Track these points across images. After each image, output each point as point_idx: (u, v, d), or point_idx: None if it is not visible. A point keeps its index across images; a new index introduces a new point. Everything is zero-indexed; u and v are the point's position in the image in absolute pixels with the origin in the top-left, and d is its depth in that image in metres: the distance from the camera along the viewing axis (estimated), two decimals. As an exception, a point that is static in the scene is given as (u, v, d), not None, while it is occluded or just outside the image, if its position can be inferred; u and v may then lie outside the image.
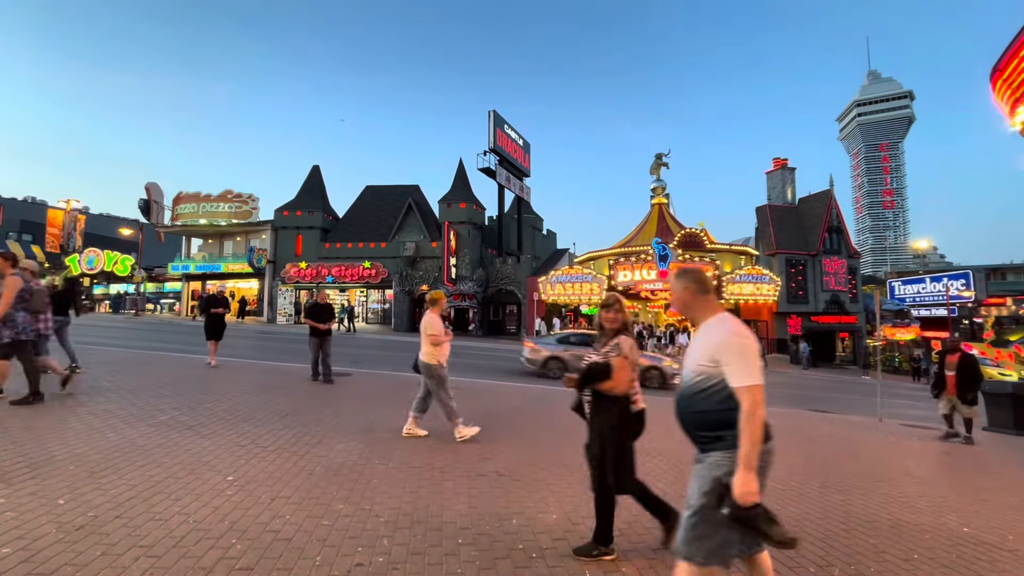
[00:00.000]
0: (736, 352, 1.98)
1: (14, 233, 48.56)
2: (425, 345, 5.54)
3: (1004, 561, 3.37)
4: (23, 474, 3.54)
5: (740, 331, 2.03)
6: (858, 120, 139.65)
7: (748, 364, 1.96)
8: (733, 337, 2.01)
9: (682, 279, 2.21)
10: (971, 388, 7.94)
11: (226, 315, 10.11)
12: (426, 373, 5.53)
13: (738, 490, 1.86)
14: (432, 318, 5.58)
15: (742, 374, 1.94)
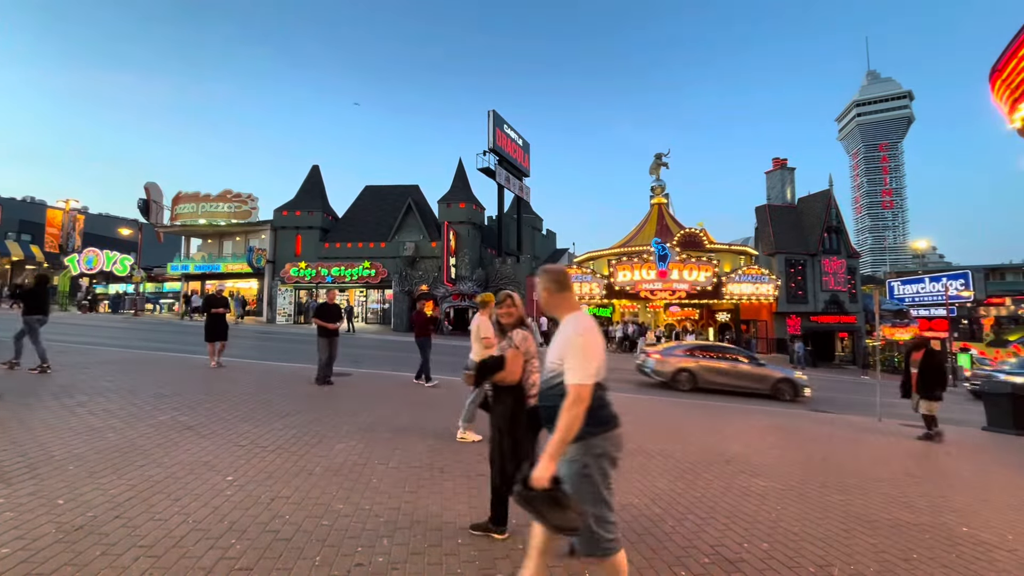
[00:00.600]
0: (573, 350, 2.05)
1: (13, 233, 48.47)
2: (477, 347, 5.71)
3: (1003, 561, 3.37)
4: (22, 474, 3.53)
5: (583, 329, 2.09)
6: (857, 120, 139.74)
7: (582, 362, 2.02)
8: (574, 336, 2.07)
9: (542, 278, 2.29)
10: (937, 384, 7.84)
11: (227, 315, 10.02)
12: None
13: (535, 473, 1.95)
14: (483, 321, 5.74)
15: (574, 372, 2.02)
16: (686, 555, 3.06)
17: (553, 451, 1.97)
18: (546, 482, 1.94)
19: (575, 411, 1.98)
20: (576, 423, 1.98)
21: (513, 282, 31.29)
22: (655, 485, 4.40)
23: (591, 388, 2.02)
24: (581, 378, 2.01)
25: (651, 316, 29.43)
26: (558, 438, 1.97)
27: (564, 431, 1.97)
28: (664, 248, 26.38)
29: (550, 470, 1.96)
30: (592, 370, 2.03)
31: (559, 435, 1.97)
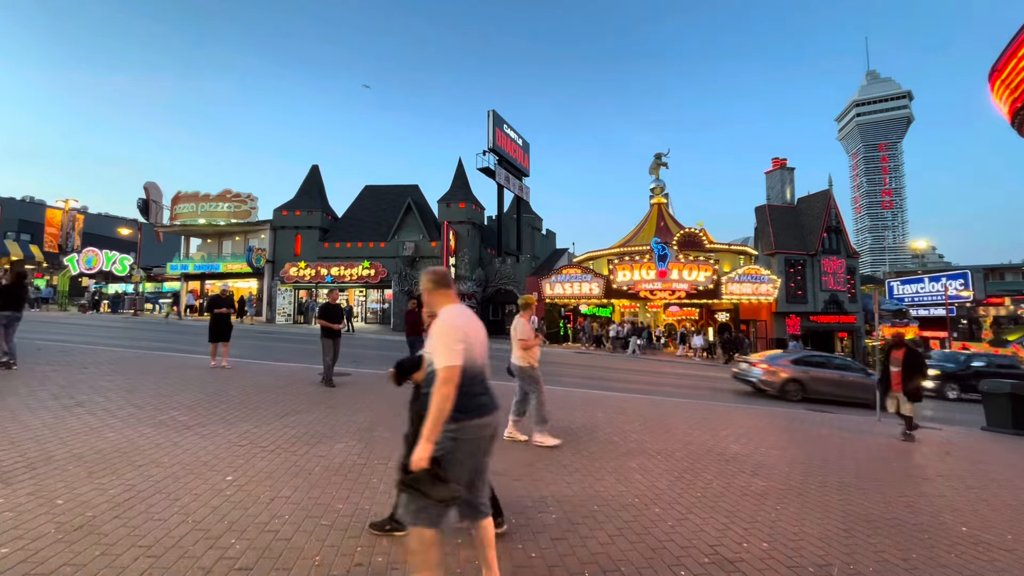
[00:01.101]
0: (436, 336, 2.22)
1: (12, 233, 48.44)
2: (517, 349, 5.73)
3: (1002, 561, 3.37)
4: (22, 474, 3.53)
5: (447, 317, 2.29)
6: (857, 120, 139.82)
7: (444, 346, 2.18)
8: (438, 324, 2.27)
9: (424, 277, 2.53)
10: (910, 383, 7.69)
11: (231, 315, 9.89)
12: (521, 376, 5.71)
13: (414, 456, 2.10)
14: (521, 323, 5.78)
15: (439, 356, 2.17)
16: (685, 555, 3.07)
17: (428, 433, 2.11)
18: (425, 463, 2.09)
19: (443, 391, 2.12)
20: (446, 403, 2.12)
21: (513, 282, 31.31)
22: (655, 485, 4.40)
23: (458, 369, 2.16)
24: (445, 360, 2.15)
25: (651, 316, 29.44)
26: (431, 419, 2.11)
27: (435, 411, 2.11)
28: (664, 248, 26.37)
29: (427, 451, 2.10)
30: (454, 353, 2.17)
31: (431, 416, 2.11)
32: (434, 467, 2.11)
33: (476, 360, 2.31)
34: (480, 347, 2.38)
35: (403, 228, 33.55)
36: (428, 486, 2.11)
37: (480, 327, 2.46)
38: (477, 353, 2.33)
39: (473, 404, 2.26)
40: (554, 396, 9.34)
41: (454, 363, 2.16)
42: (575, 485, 4.23)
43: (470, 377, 2.24)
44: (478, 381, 2.31)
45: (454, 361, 2.16)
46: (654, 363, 20.38)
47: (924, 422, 10.30)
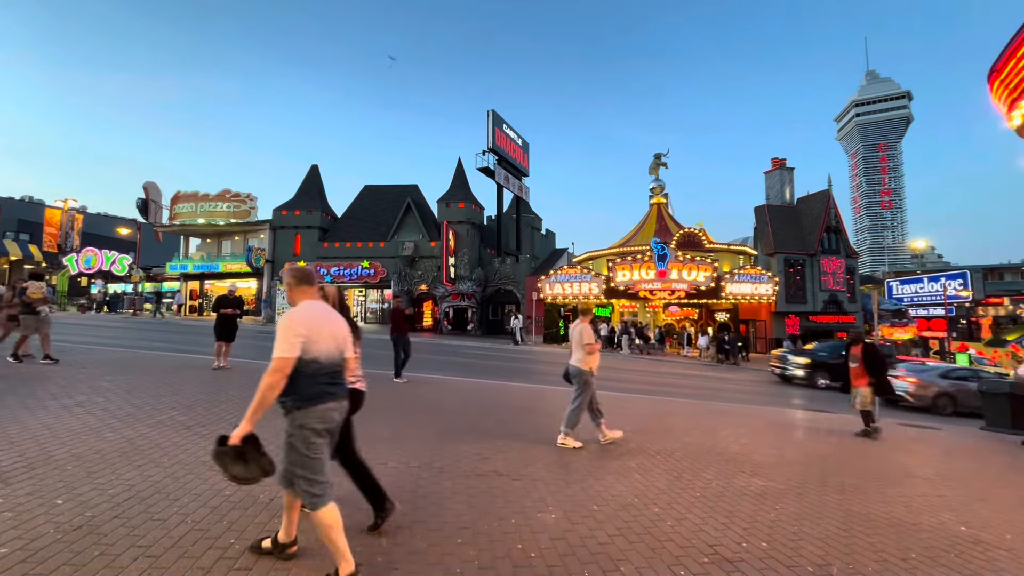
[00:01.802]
0: (278, 330, 2.41)
1: (11, 232, 48.37)
2: (579, 352, 5.81)
3: (1002, 560, 3.38)
4: (21, 474, 3.52)
5: (293, 313, 2.48)
6: (856, 120, 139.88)
7: (282, 339, 2.37)
8: (283, 319, 2.45)
9: (287, 275, 2.67)
10: (877, 377, 7.59)
11: (238, 316, 9.69)
12: (576, 377, 5.81)
13: (234, 432, 2.30)
14: (586, 328, 5.86)
15: (275, 347, 2.37)
16: (685, 555, 3.07)
17: (249, 414, 2.30)
18: (238, 440, 2.29)
19: (269, 380, 2.32)
20: (270, 391, 2.32)
21: (512, 282, 31.31)
22: (655, 484, 4.40)
23: (290, 360, 2.36)
24: (278, 352, 2.35)
25: (650, 316, 29.45)
26: (254, 403, 2.30)
27: (258, 396, 2.30)
28: (663, 248, 26.38)
29: (244, 430, 2.31)
30: (289, 345, 2.36)
31: (255, 400, 2.30)
32: (244, 446, 2.29)
33: (324, 352, 2.49)
34: (332, 341, 2.56)
35: (402, 228, 33.55)
36: (229, 462, 2.30)
37: (337, 323, 2.67)
38: (327, 346, 2.51)
39: (314, 392, 2.45)
40: (554, 396, 9.34)
41: (286, 355, 2.35)
42: (574, 485, 4.23)
43: (314, 368, 2.44)
44: (325, 371, 2.50)
45: (286, 353, 2.35)
46: (653, 363, 20.38)
47: (923, 422, 10.32)
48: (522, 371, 13.95)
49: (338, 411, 2.59)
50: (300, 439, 2.42)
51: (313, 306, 2.58)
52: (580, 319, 6.05)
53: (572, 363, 5.89)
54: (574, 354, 5.89)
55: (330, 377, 2.54)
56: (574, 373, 5.84)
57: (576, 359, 5.84)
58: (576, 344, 5.87)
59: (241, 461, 2.30)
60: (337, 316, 2.75)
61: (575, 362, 5.84)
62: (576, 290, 27.96)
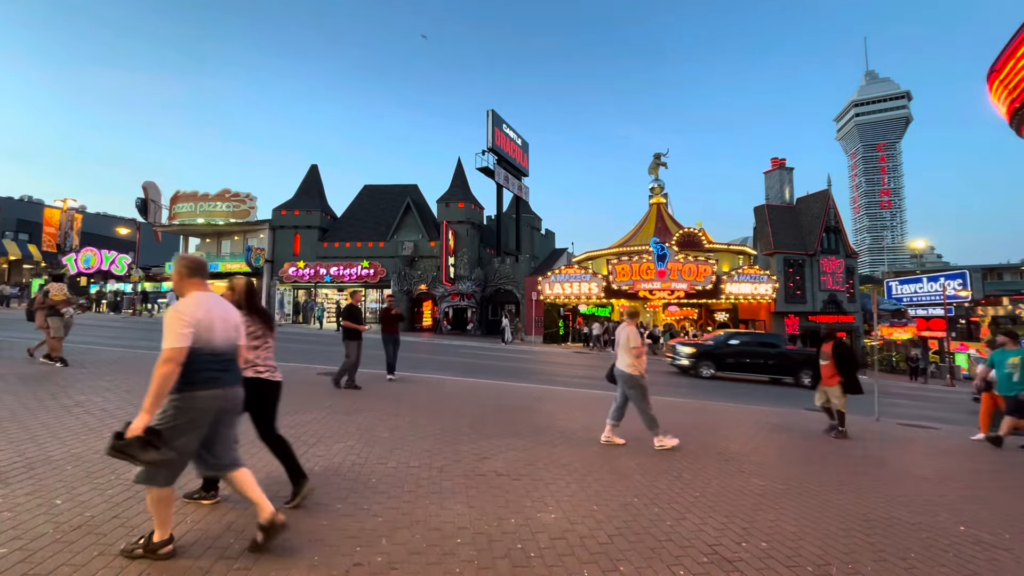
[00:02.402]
0: (166, 321, 2.49)
1: (10, 232, 48.36)
2: (627, 356, 5.77)
3: (1001, 560, 3.38)
4: (20, 474, 3.52)
5: (180, 305, 2.56)
6: (856, 120, 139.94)
7: (170, 330, 2.46)
8: (170, 311, 2.52)
9: (176, 264, 2.76)
10: (847, 375, 7.49)
11: None
12: (628, 384, 5.77)
13: (132, 424, 2.36)
14: (633, 331, 5.83)
15: (164, 338, 2.45)
16: (684, 554, 3.07)
17: (146, 405, 2.37)
18: (139, 431, 2.35)
19: (162, 370, 2.40)
20: (164, 381, 2.41)
21: (512, 281, 31.31)
22: (654, 484, 4.41)
23: (181, 350, 2.45)
24: (168, 343, 2.44)
25: (650, 316, 29.46)
26: (150, 394, 2.38)
27: (153, 387, 2.39)
28: (663, 248, 26.39)
29: (143, 421, 2.37)
30: (178, 336, 2.46)
31: (150, 391, 2.38)
32: (147, 435, 2.38)
33: (214, 341, 2.61)
34: (223, 331, 2.69)
35: (402, 228, 33.54)
36: (138, 451, 2.37)
37: (227, 312, 2.79)
38: (217, 335, 2.64)
39: (201, 378, 2.55)
40: (555, 396, 9.34)
41: (177, 345, 2.45)
42: (574, 484, 4.23)
43: (204, 355, 2.56)
44: (214, 359, 2.62)
45: (177, 343, 2.45)
46: (653, 363, 20.36)
47: (922, 422, 10.33)
48: (522, 371, 13.95)
49: (225, 399, 2.68)
50: (183, 421, 2.51)
51: (202, 296, 2.66)
52: (627, 322, 6.00)
53: (621, 368, 5.83)
54: (621, 358, 5.83)
55: (220, 365, 2.65)
56: (625, 379, 5.79)
57: (625, 363, 5.79)
58: (623, 348, 5.81)
59: (152, 448, 2.38)
60: (229, 306, 2.87)
61: (624, 367, 5.79)
62: (576, 290, 27.97)
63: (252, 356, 3.26)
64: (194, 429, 2.56)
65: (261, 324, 3.36)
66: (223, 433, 2.75)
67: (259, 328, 3.35)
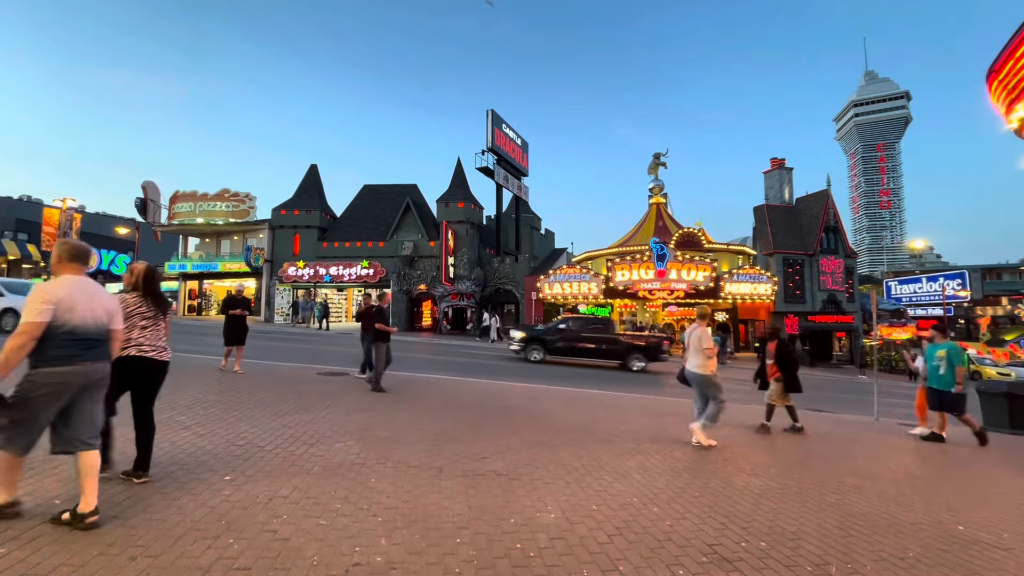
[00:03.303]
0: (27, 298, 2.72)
1: (9, 232, 48.28)
2: (698, 358, 5.86)
3: (999, 559, 3.39)
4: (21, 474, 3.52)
5: (46, 285, 2.79)
6: (855, 120, 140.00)
7: (29, 307, 2.66)
8: (33, 290, 2.74)
9: (56, 247, 2.95)
10: (787, 373, 7.46)
11: (247, 317, 9.44)
12: (705, 384, 5.90)
13: None
14: (705, 333, 5.92)
15: (23, 314, 2.68)
16: (684, 554, 3.07)
17: None
18: None
19: (14, 343, 2.60)
20: (14, 353, 2.60)
21: (512, 281, 31.31)
22: (654, 484, 4.41)
23: (35, 325, 2.64)
24: (26, 318, 2.65)
25: (649, 316, 29.47)
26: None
27: (2, 357, 2.58)
28: (662, 248, 26.40)
29: None
30: (36, 312, 2.65)
31: None
32: None
33: (73, 321, 2.79)
34: (87, 311, 2.86)
35: (402, 228, 33.53)
36: None
37: (95, 295, 2.96)
38: (78, 315, 2.81)
39: (56, 355, 2.73)
40: (554, 396, 9.35)
41: (31, 320, 2.64)
42: (574, 484, 4.23)
43: (61, 333, 2.74)
44: (74, 338, 2.79)
45: (34, 319, 2.65)
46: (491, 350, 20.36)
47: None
48: (521, 371, 13.94)
49: (86, 375, 2.86)
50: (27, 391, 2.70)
51: (70, 279, 2.87)
52: (698, 323, 6.05)
53: (692, 369, 5.92)
54: (692, 359, 5.93)
55: (82, 344, 2.83)
56: (698, 380, 5.90)
57: (696, 364, 5.88)
58: (695, 350, 5.89)
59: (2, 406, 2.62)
60: (99, 291, 3.03)
61: (696, 368, 5.88)
62: (575, 290, 27.98)
63: (138, 336, 3.55)
64: (46, 403, 2.73)
65: (154, 307, 3.66)
66: (84, 408, 2.91)
67: (151, 310, 3.63)
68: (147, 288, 3.65)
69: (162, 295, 3.77)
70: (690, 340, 6.03)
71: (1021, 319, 41.17)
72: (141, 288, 3.63)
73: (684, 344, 6.33)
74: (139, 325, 3.54)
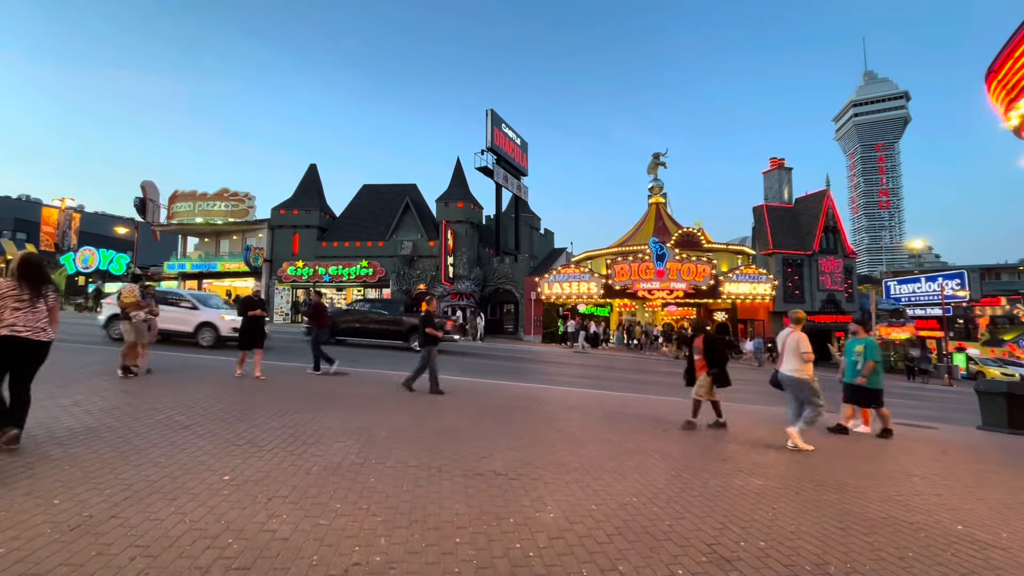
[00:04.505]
0: None
1: (8, 231, 48.25)
2: (795, 361, 5.96)
3: (998, 559, 3.39)
4: (18, 474, 3.52)
5: None
6: (854, 120, 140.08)
7: None
8: None
9: None
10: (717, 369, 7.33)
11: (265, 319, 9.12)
12: (802, 387, 6.01)
13: None
14: (803, 337, 6.00)
15: None
16: (683, 553, 3.07)
17: None
18: None
19: None
20: None
21: (511, 281, 31.31)
22: (653, 483, 4.41)
23: None
24: None
25: (649, 315, 29.48)
26: None
27: None
28: (662, 248, 26.41)
29: None
30: None
31: None
32: None
33: None
34: None
35: (401, 227, 33.52)
36: None
37: None
38: None
39: None
40: (553, 395, 9.35)
41: None
42: (573, 484, 4.23)
43: None
44: None
45: None
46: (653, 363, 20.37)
47: (920, 421, 10.34)
48: (520, 371, 13.95)
49: None
50: None
51: None
52: (792, 328, 6.12)
53: (788, 373, 5.99)
54: (788, 363, 6.01)
55: None
56: (795, 383, 5.99)
57: (792, 368, 5.96)
58: (793, 353, 5.97)
59: None
60: None
61: (792, 372, 5.97)
62: (575, 290, 27.99)
63: (12, 317, 3.94)
64: None
65: (29, 290, 4.05)
66: None
67: (26, 294, 4.04)
68: (21, 273, 4.08)
69: (42, 280, 4.15)
70: (786, 344, 6.11)
71: (1020, 319, 41.22)
72: (16, 274, 4.08)
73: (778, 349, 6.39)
74: (11, 307, 3.96)
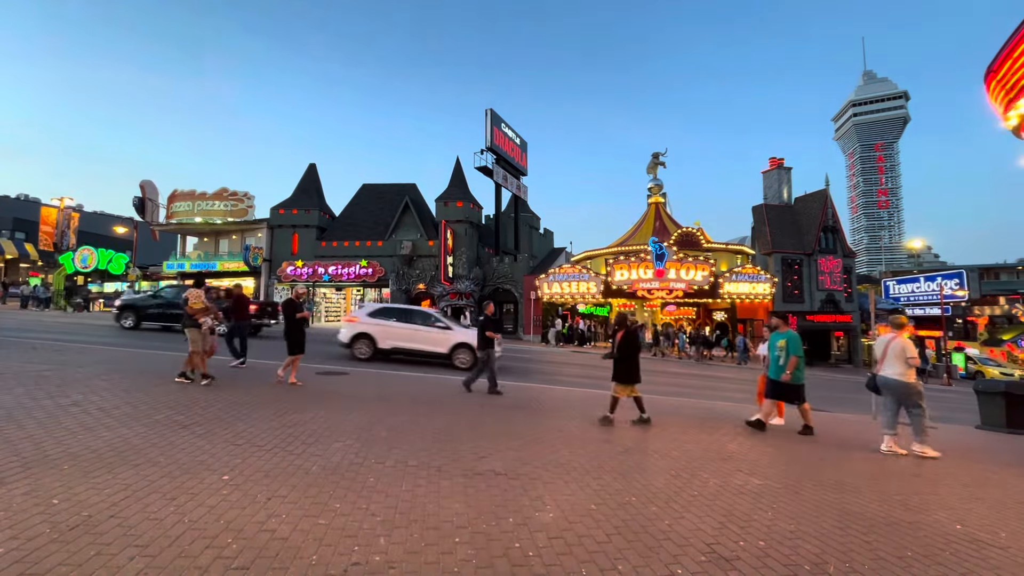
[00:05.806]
0: None
1: (7, 231, 48.19)
2: (899, 365, 6.03)
3: (996, 558, 3.40)
4: (17, 473, 3.51)
5: None
6: (853, 120, 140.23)
7: None
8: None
9: None
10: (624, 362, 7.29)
11: None
12: (907, 392, 6.10)
13: None
14: (908, 343, 6.07)
15: None
16: (682, 553, 3.07)
17: None
18: None
19: None
20: None
21: (511, 281, 31.30)
22: (652, 483, 4.41)
23: None
24: None
25: (648, 315, 29.48)
26: None
27: None
28: (661, 247, 26.41)
29: None
30: None
31: None
32: None
33: None
34: None
35: (401, 227, 33.51)
36: None
37: None
38: None
39: None
40: (554, 396, 9.35)
41: None
42: (572, 484, 4.23)
43: None
44: None
45: None
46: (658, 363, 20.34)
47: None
48: (520, 370, 13.96)
49: None
50: None
51: None
52: (896, 333, 6.17)
53: (892, 377, 6.06)
54: (890, 367, 6.09)
55: None
56: (899, 388, 6.09)
57: (896, 372, 6.04)
58: (897, 358, 6.06)
59: None
60: None
61: (897, 376, 6.04)
62: (574, 289, 27.98)
63: None
64: None
65: None
66: None
67: None
68: None
69: None
70: (889, 349, 6.18)
71: (1019, 319, 41.27)
72: None
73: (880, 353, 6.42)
74: None
